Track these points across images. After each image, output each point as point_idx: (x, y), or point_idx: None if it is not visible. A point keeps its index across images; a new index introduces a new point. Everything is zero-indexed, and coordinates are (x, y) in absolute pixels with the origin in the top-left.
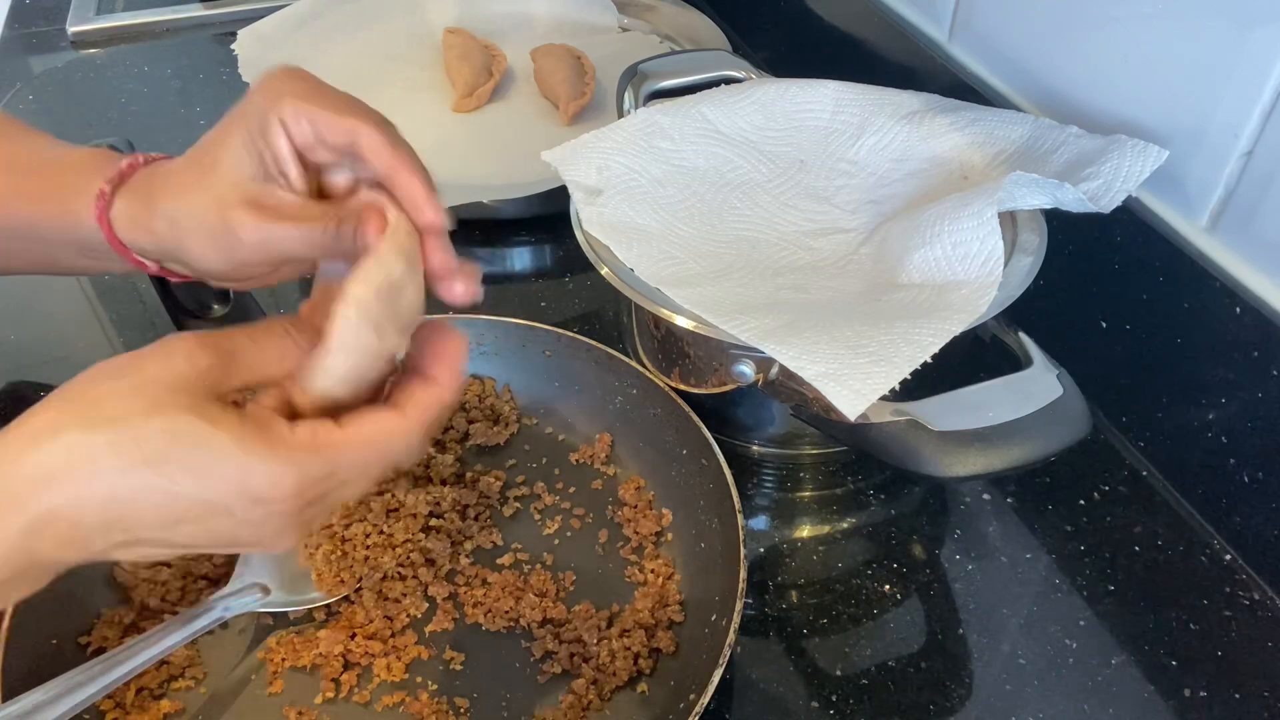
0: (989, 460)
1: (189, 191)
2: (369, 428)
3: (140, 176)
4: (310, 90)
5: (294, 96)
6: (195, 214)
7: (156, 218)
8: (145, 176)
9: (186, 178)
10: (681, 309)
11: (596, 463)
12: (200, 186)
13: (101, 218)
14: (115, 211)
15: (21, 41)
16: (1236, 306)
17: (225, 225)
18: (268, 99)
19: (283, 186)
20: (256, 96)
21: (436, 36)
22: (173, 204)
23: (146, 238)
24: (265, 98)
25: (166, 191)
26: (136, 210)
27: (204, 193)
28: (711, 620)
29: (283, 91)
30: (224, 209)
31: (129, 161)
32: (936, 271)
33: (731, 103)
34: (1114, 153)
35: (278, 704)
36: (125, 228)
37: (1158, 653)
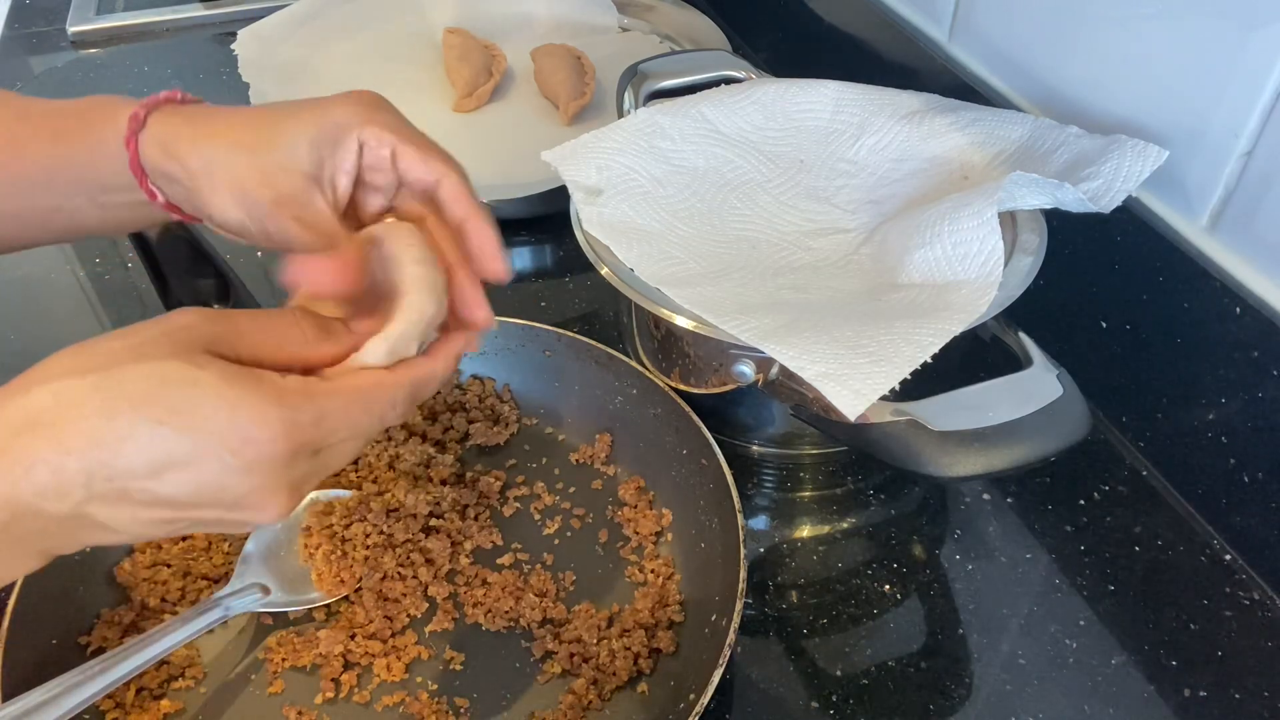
0: (989, 460)
1: (239, 152)
2: (358, 379)
3: (182, 112)
4: (398, 124)
5: (381, 126)
6: (236, 174)
7: (194, 153)
8: (187, 113)
9: (241, 136)
10: (681, 309)
11: (596, 463)
12: (249, 151)
13: (130, 138)
14: (146, 135)
15: (21, 41)
16: (1236, 306)
17: (257, 201)
18: (355, 115)
19: (325, 197)
20: (344, 107)
21: (436, 36)
22: (218, 153)
23: (173, 167)
24: (352, 113)
25: (215, 136)
26: (172, 140)
27: (251, 159)
28: (711, 620)
29: (372, 118)
30: (264, 188)
31: (167, 94)
32: (936, 271)
33: (731, 103)
34: (1114, 153)
35: (278, 704)
36: (153, 153)
37: (1158, 653)
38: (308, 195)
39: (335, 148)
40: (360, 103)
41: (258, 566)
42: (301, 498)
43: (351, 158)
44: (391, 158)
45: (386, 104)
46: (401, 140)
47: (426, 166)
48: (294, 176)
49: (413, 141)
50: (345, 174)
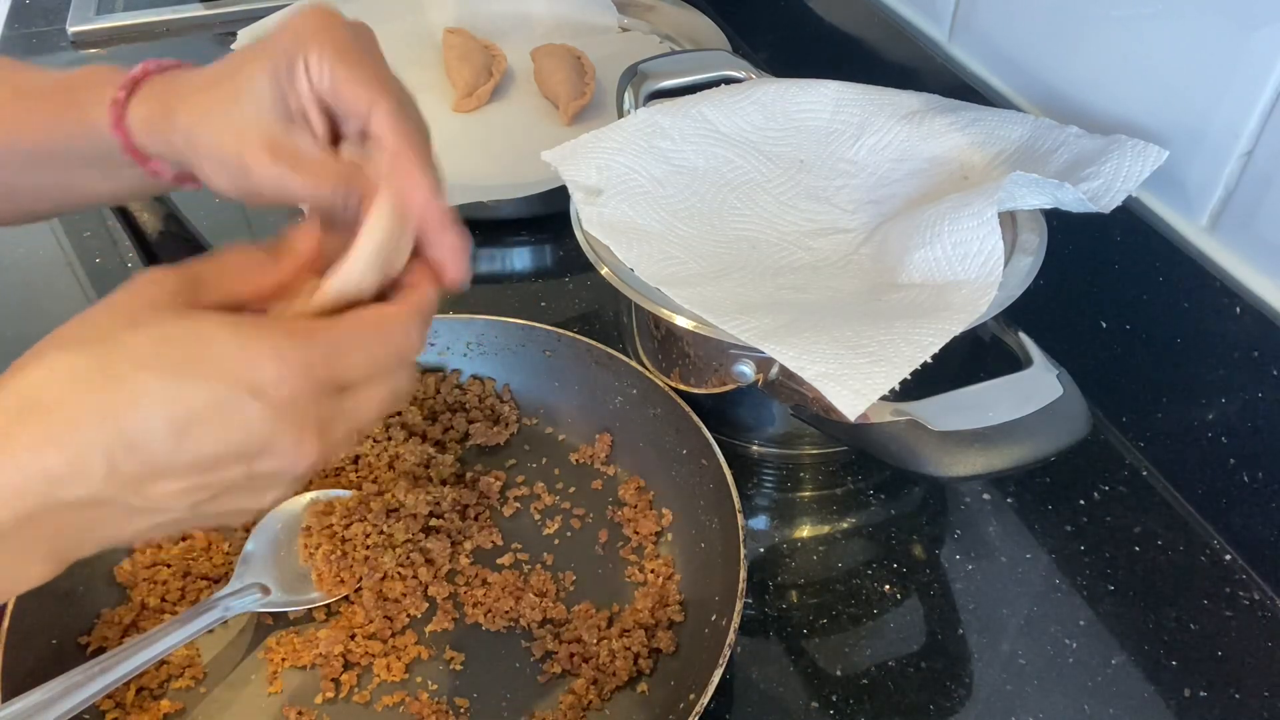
0: (989, 460)
1: (210, 115)
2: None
3: (157, 83)
4: (336, 42)
5: (319, 45)
6: (213, 139)
7: (174, 131)
8: (163, 84)
9: (208, 99)
10: (681, 309)
11: (596, 463)
12: (221, 113)
13: (118, 124)
14: (131, 117)
15: (21, 41)
16: (1236, 306)
17: (241, 161)
18: (294, 40)
19: (303, 128)
20: (284, 33)
21: (436, 36)
22: (191, 123)
23: (163, 146)
24: (292, 38)
25: (187, 107)
26: (154, 118)
27: (225, 120)
28: (711, 620)
29: (311, 37)
30: (243, 144)
31: (141, 67)
32: (936, 271)
33: (731, 103)
34: (1114, 153)
35: (278, 704)
36: (142, 134)
37: (1158, 653)
38: (288, 135)
39: (290, 79)
40: (301, 23)
41: (258, 566)
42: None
43: (305, 85)
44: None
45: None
46: (338, 64)
47: (357, 95)
48: (267, 125)
49: (348, 64)
50: (308, 102)
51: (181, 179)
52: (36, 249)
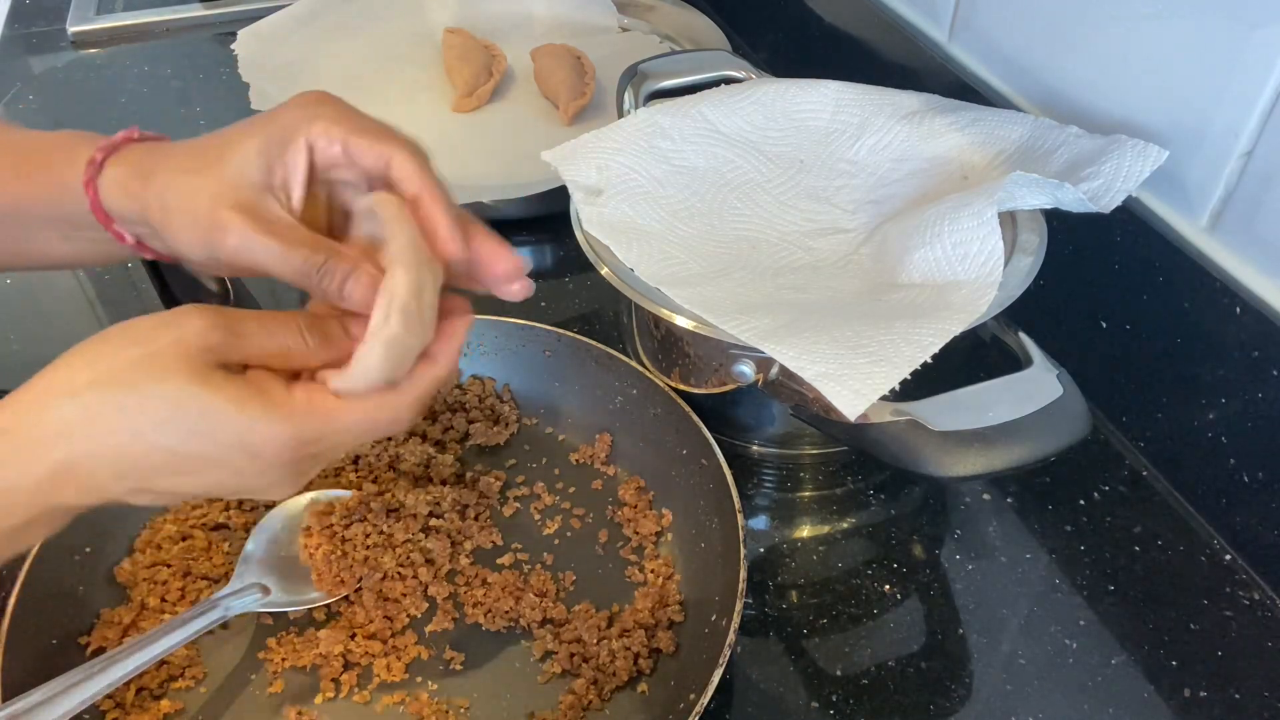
0: (989, 460)
1: (186, 175)
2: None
3: (138, 150)
4: (345, 115)
5: (328, 121)
6: (186, 199)
7: (150, 191)
8: (144, 151)
9: (188, 162)
10: (681, 309)
11: (596, 463)
12: (199, 174)
13: (89, 183)
14: (105, 178)
15: (21, 41)
16: (1236, 306)
17: (212, 220)
18: (299, 118)
19: (280, 204)
20: (288, 112)
21: (436, 36)
22: (168, 180)
23: (134, 207)
24: (297, 116)
25: (165, 169)
26: (129, 180)
27: (201, 181)
28: (711, 620)
29: (317, 115)
30: (215, 205)
31: (124, 134)
32: (936, 271)
33: (731, 103)
34: (1114, 153)
35: (278, 704)
36: (113, 196)
37: (1158, 653)
38: (263, 205)
39: (283, 151)
40: (305, 104)
41: (258, 566)
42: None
43: (301, 159)
44: (343, 150)
45: (332, 99)
46: (349, 131)
47: (375, 149)
48: (244, 190)
49: (360, 130)
50: (295, 179)
51: (142, 247)
52: None
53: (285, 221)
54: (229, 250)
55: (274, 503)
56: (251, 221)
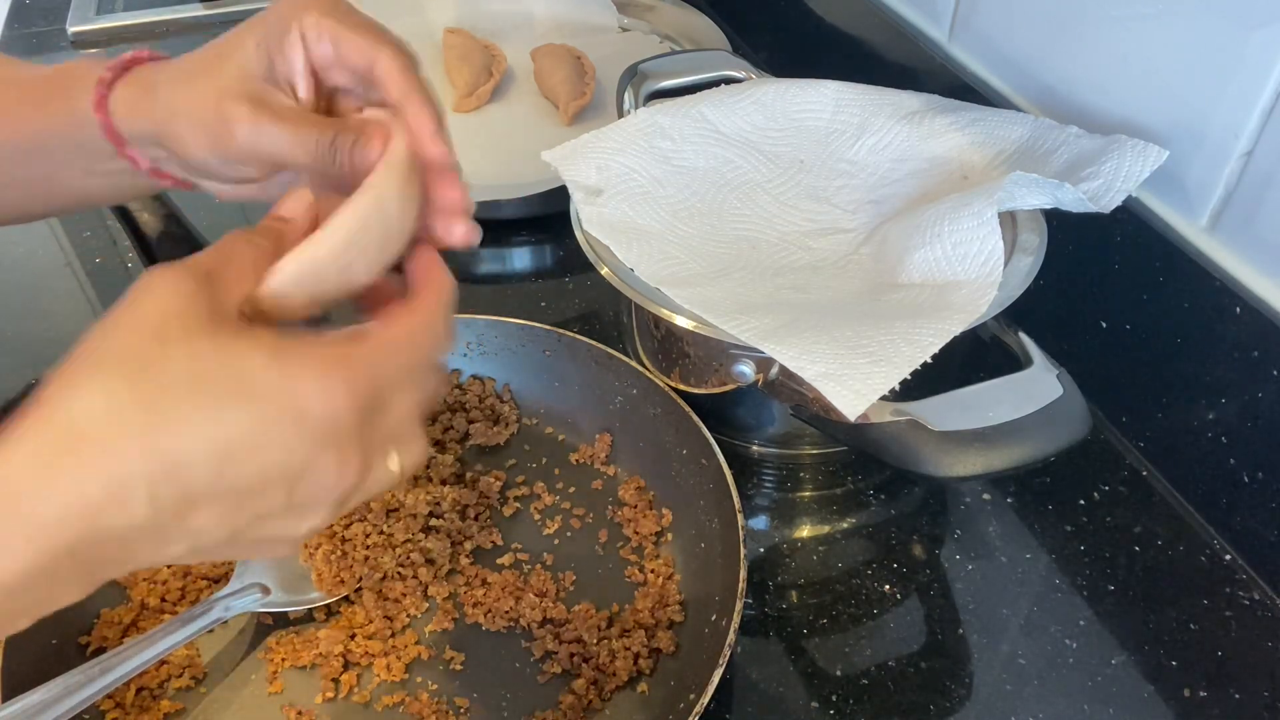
0: (989, 460)
1: (191, 79)
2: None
3: (146, 69)
4: (336, 9)
5: (319, 12)
6: (193, 98)
7: (157, 102)
8: (152, 69)
9: (190, 66)
10: (681, 309)
11: (596, 463)
12: (204, 75)
13: (100, 104)
14: (115, 98)
15: (21, 41)
16: (1236, 306)
17: (220, 115)
18: (292, 8)
19: (286, 95)
20: (280, 6)
21: (436, 36)
22: (174, 88)
23: (143, 122)
24: (289, 6)
25: (171, 77)
26: (137, 96)
27: (206, 81)
28: (711, 620)
29: (308, 5)
30: (222, 99)
31: (132, 55)
32: (936, 271)
33: (731, 103)
34: (1114, 153)
35: (278, 704)
36: (123, 113)
37: (1158, 653)
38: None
39: (281, 44)
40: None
41: (258, 566)
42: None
43: (297, 52)
44: (333, 47)
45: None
46: (339, 24)
47: (361, 49)
48: (250, 83)
49: (350, 25)
50: (297, 72)
51: (158, 173)
52: (36, 249)
53: (291, 107)
54: (240, 144)
55: None
56: (258, 109)
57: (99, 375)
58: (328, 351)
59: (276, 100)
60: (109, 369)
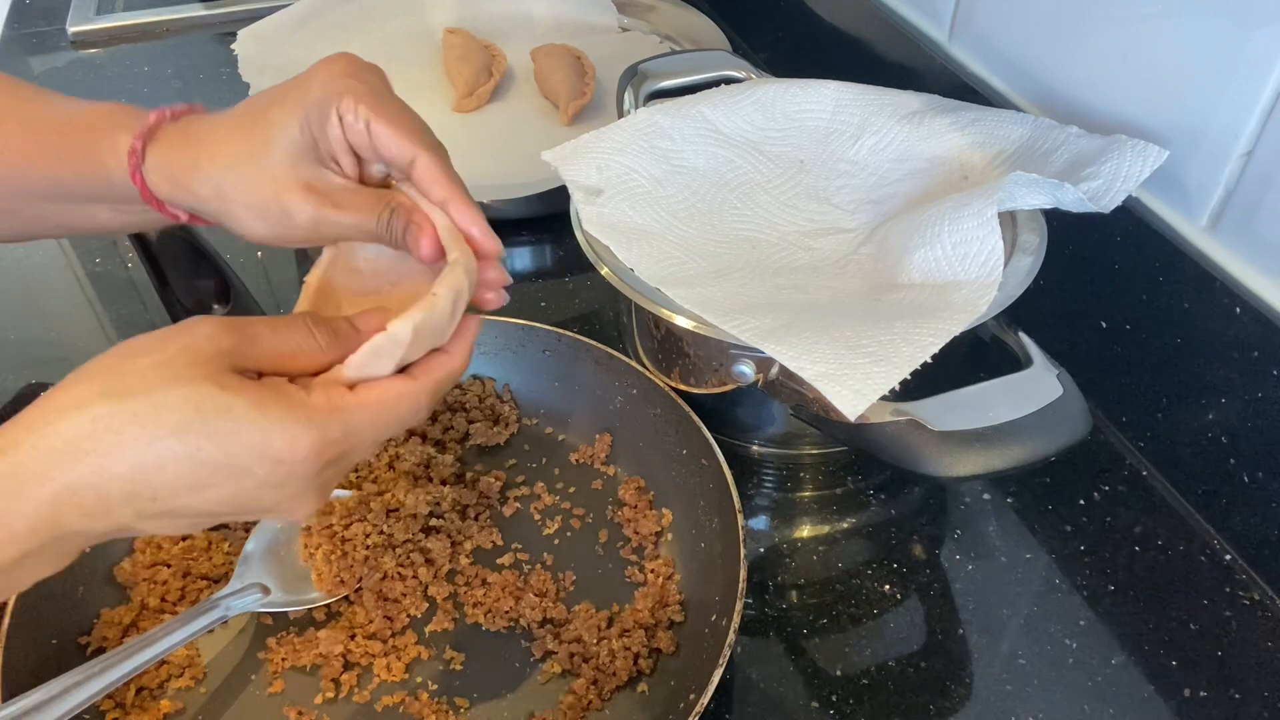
0: (989, 460)
1: (240, 164)
2: (381, 391)
3: (174, 131)
4: (371, 93)
5: (355, 96)
6: (245, 188)
7: (200, 181)
8: (181, 132)
9: (237, 148)
10: (681, 309)
11: (596, 463)
12: (253, 162)
13: (135, 174)
14: (149, 166)
15: (21, 41)
16: (1236, 306)
17: (281, 206)
18: (329, 92)
19: (335, 171)
20: (319, 84)
21: (436, 36)
22: (221, 173)
23: (185, 197)
24: (327, 89)
25: (213, 157)
26: (175, 168)
27: (257, 170)
28: (711, 620)
29: (345, 88)
30: (280, 191)
31: (155, 116)
32: (936, 271)
33: (731, 103)
34: (1114, 153)
35: (278, 704)
36: (161, 183)
37: (1158, 653)
38: (322, 179)
39: (323, 126)
40: (332, 73)
41: (258, 566)
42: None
43: (338, 132)
44: (368, 134)
45: (361, 69)
46: (375, 115)
47: (399, 146)
48: (301, 169)
49: (386, 117)
50: (340, 149)
51: (195, 220)
52: (36, 249)
53: (345, 189)
54: (299, 228)
55: None
56: (318, 199)
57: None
58: (311, 407)
59: (330, 184)
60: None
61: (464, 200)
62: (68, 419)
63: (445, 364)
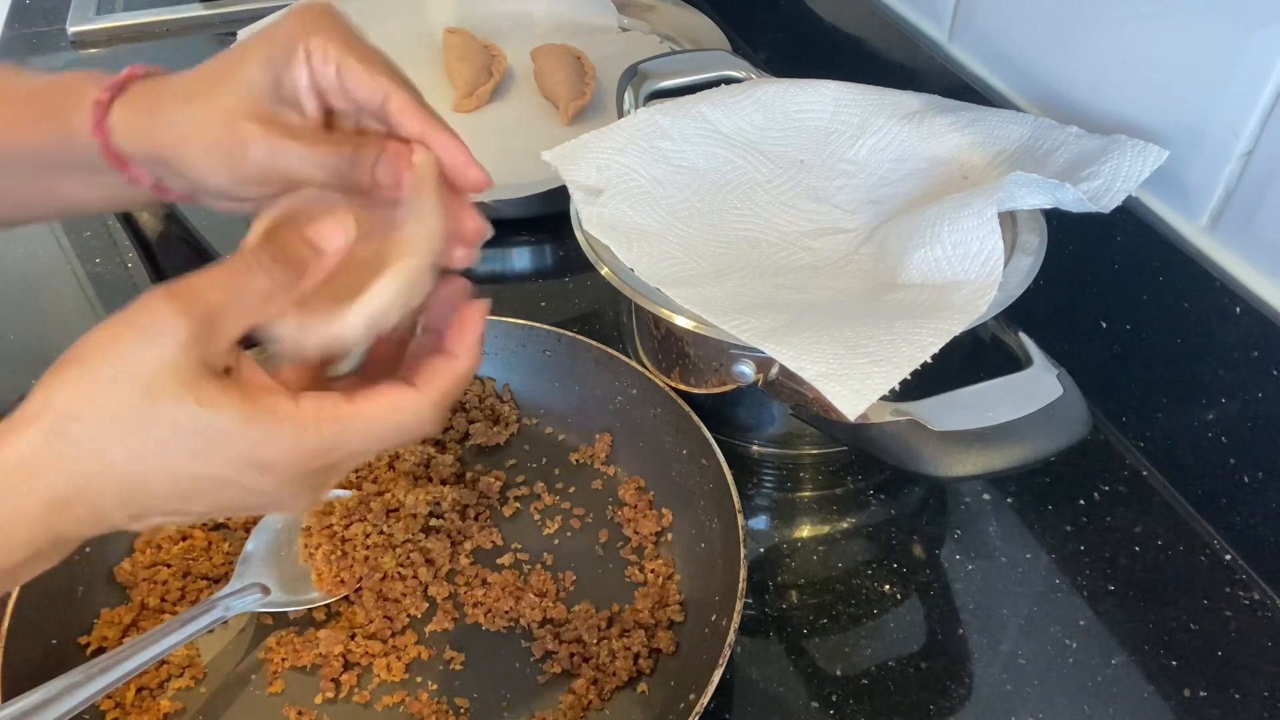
0: (989, 460)
1: (197, 99)
2: (380, 402)
3: (143, 86)
4: (343, 34)
5: (325, 35)
6: (201, 121)
7: (160, 125)
8: (150, 85)
9: (196, 86)
10: (681, 309)
11: (596, 463)
12: (210, 94)
13: (98, 126)
14: (113, 118)
15: (21, 41)
16: (1236, 306)
17: (233, 136)
18: (297, 29)
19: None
20: (287, 24)
21: (436, 36)
22: (178, 109)
23: (146, 145)
24: (295, 27)
25: (174, 97)
26: (138, 117)
27: (213, 101)
28: (711, 620)
29: (315, 27)
30: (233, 120)
31: (127, 71)
32: (936, 271)
33: (731, 103)
34: (1114, 153)
35: (278, 704)
36: (124, 135)
37: (1158, 653)
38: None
39: (288, 63)
40: (304, 14)
41: (258, 566)
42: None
43: (304, 73)
44: (337, 74)
45: (334, 15)
46: (345, 53)
47: (371, 83)
48: (258, 102)
49: (356, 54)
50: (303, 90)
51: (161, 189)
52: (36, 249)
53: (304, 126)
54: (253, 163)
55: None
56: (273, 129)
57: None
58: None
59: (288, 119)
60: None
61: (443, 130)
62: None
63: (450, 369)
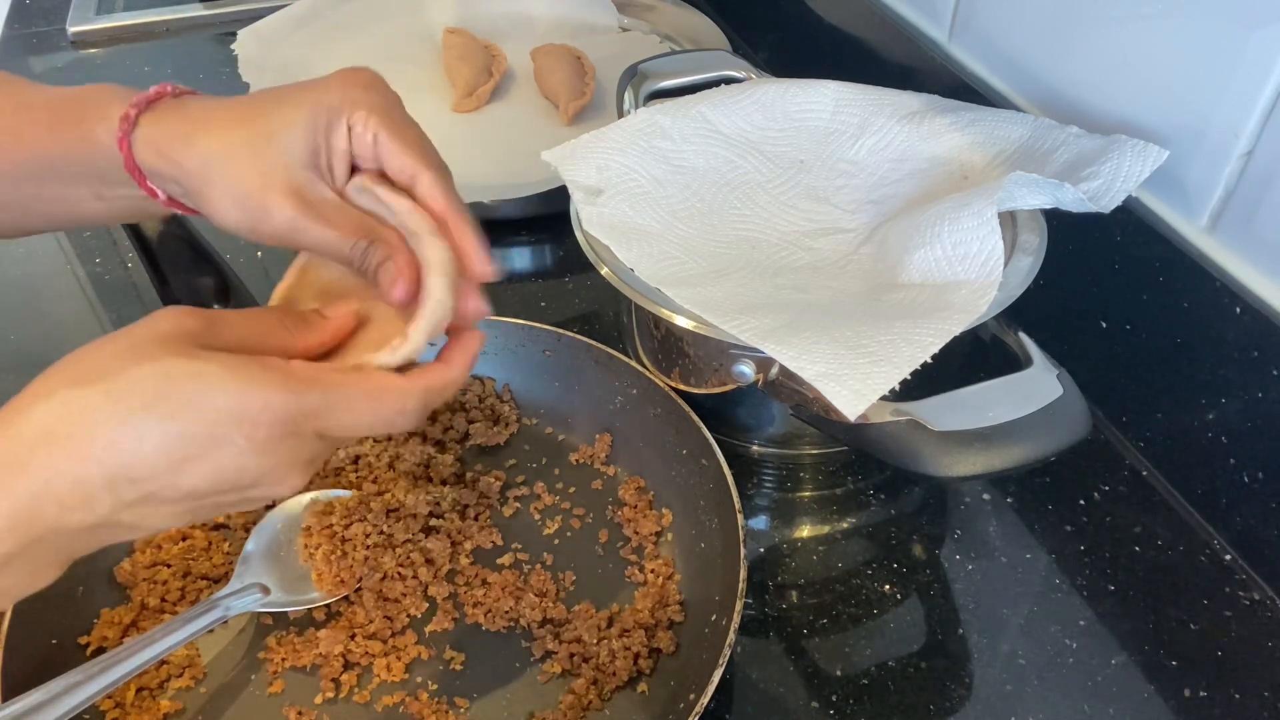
0: (989, 460)
1: (235, 151)
2: (369, 382)
3: (172, 105)
4: (383, 108)
5: (368, 110)
6: (233, 175)
7: (191, 154)
8: (179, 107)
9: (235, 133)
10: (681, 309)
11: (596, 463)
12: (248, 151)
13: (123, 140)
14: (139, 135)
15: (21, 41)
16: (1236, 306)
17: (262, 202)
18: (344, 100)
19: (325, 181)
20: (333, 90)
21: (436, 36)
22: (213, 152)
23: (170, 169)
24: (342, 98)
25: (210, 135)
26: (166, 142)
27: (251, 160)
28: (711, 620)
29: (360, 101)
30: (267, 187)
31: (157, 89)
32: (936, 271)
33: (731, 103)
34: (1114, 153)
35: (278, 704)
36: (148, 155)
37: (1158, 653)
38: (312, 187)
39: (329, 133)
40: (350, 83)
41: (258, 566)
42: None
43: (344, 142)
44: (373, 145)
45: (378, 84)
46: (384, 129)
47: (402, 161)
48: (294, 172)
49: (394, 132)
50: (340, 159)
51: (173, 204)
52: (37, 250)
53: (331, 204)
54: (272, 228)
55: (274, 502)
56: (301, 206)
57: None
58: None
59: (318, 194)
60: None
61: (462, 218)
62: (39, 407)
63: (440, 372)
